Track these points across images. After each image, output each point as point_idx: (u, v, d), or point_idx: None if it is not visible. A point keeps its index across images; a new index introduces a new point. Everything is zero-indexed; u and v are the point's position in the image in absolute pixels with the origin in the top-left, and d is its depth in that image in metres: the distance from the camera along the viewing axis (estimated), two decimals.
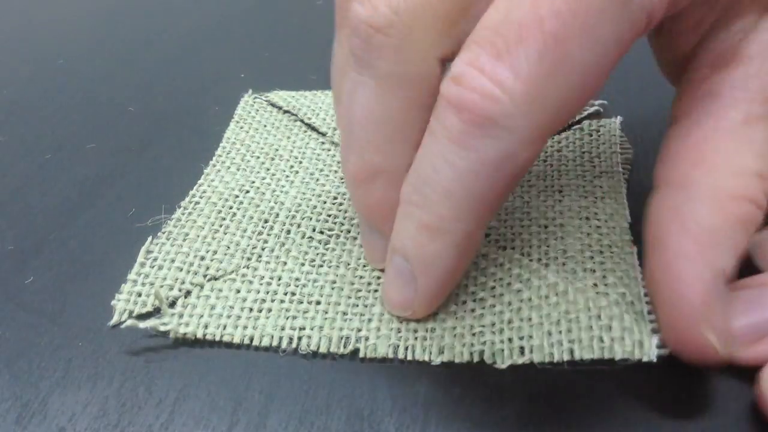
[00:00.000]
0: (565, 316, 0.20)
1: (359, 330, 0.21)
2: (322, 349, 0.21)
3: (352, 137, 0.21)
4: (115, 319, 0.22)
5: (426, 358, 0.20)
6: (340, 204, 0.26)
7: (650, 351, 0.18)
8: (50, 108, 0.33)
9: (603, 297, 0.20)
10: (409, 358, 0.20)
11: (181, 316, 0.22)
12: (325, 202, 0.26)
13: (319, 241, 0.24)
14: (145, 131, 0.31)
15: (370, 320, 0.21)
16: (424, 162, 0.19)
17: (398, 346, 0.21)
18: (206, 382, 0.20)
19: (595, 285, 0.20)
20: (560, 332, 0.19)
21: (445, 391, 0.20)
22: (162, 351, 0.21)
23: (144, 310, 0.22)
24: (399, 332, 0.21)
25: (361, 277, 0.23)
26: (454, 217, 0.19)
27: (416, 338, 0.21)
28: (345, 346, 0.21)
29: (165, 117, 0.32)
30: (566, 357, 0.19)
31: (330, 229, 0.25)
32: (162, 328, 0.21)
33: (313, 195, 0.26)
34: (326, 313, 0.22)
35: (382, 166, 0.20)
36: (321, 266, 0.23)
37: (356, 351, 0.21)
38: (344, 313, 0.22)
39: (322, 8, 0.43)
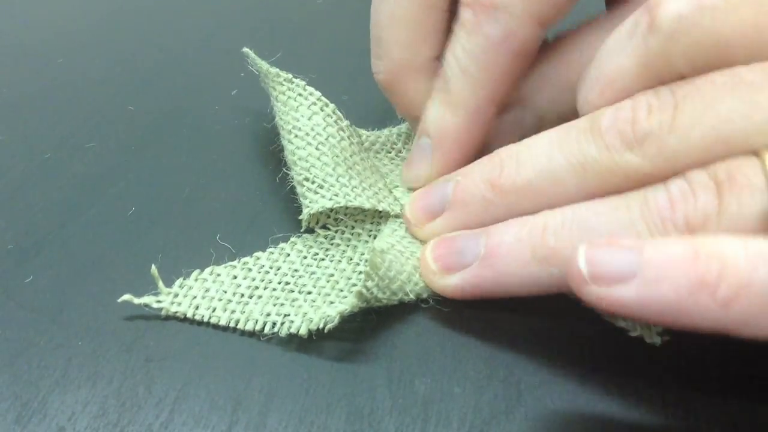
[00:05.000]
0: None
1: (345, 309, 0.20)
2: (303, 331, 0.21)
3: (380, 44, 0.25)
4: (137, 300, 0.22)
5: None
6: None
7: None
8: (50, 108, 0.33)
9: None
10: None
11: (176, 295, 0.22)
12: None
13: (325, 237, 0.25)
14: (145, 131, 0.31)
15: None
16: (448, 56, 0.24)
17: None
18: (206, 381, 0.20)
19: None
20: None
21: (445, 391, 0.20)
22: (162, 351, 0.21)
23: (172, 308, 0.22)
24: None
25: (360, 273, 0.23)
26: (469, 92, 0.23)
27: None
28: (327, 324, 0.20)
29: (165, 117, 0.32)
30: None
31: (335, 225, 0.25)
32: (155, 305, 0.22)
33: None
34: (314, 302, 0.22)
35: (409, 62, 0.25)
36: (323, 260, 0.24)
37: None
38: (332, 303, 0.22)
39: (322, 8, 0.43)
